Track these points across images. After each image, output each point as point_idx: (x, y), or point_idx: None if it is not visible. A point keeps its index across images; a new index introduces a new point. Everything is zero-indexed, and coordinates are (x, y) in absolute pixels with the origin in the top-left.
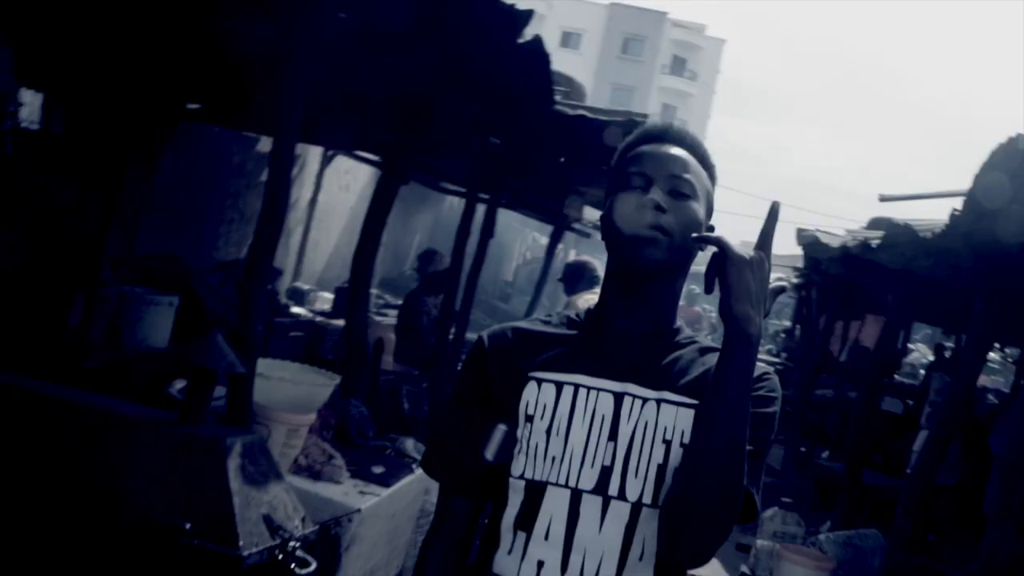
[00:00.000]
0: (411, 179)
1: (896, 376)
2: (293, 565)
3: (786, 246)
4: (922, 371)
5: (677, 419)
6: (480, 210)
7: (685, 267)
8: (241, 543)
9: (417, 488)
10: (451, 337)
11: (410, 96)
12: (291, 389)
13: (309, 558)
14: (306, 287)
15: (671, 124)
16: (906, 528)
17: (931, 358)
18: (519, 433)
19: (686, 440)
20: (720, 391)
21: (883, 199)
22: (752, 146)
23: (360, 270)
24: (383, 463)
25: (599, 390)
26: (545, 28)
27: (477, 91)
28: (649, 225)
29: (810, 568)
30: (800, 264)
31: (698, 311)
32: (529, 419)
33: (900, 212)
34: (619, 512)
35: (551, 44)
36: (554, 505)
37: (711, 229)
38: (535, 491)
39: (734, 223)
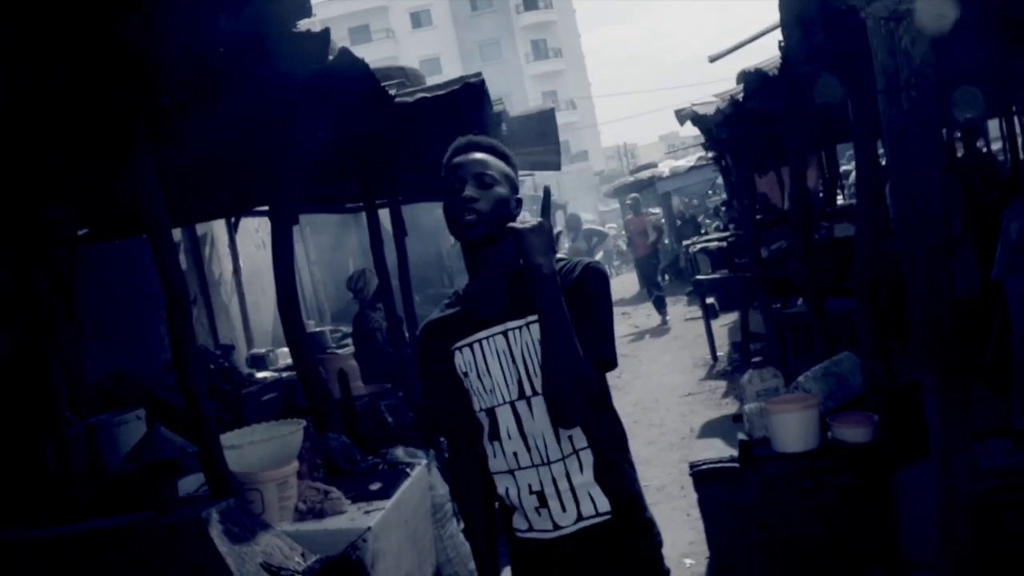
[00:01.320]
0: (307, 211)
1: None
2: None
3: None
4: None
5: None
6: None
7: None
8: None
9: (420, 487)
10: (407, 339)
11: (255, 149)
12: (265, 448)
13: None
14: (263, 350)
15: (471, 138)
16: (869, 340)
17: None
18: (467, 386)
19: None
20: (542, 313)
21: (712, 59)
22: (633, 46)
23: (288, 318)
24: (378, 479)
25: (492, 336)
26: (392, 17)
27: (321, 116)
28: (468, 213)
29: (797, 411)
30: (703, 143)
31: (644, 220)
32: (465, 375)
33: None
34: (540, 403)
35: (403, 30)
36: (504, 417)
37: (519, 202)
38: (490, 414)
39: (648, 121)
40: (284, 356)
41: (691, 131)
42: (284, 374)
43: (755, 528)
